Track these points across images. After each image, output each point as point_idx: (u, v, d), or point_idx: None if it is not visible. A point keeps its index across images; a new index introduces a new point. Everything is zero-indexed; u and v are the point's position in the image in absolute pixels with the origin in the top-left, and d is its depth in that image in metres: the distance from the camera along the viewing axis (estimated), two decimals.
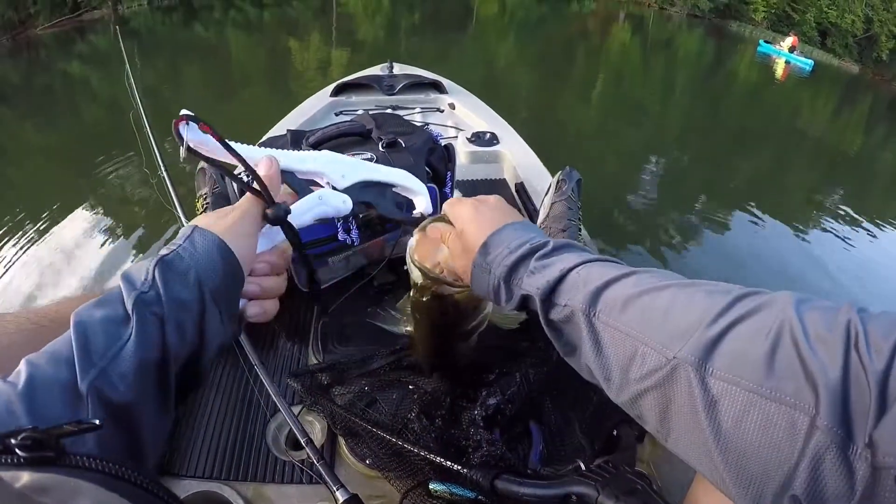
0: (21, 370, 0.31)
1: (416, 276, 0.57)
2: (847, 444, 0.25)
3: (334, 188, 0.52)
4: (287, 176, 0.51)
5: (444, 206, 0.54)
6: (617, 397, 0.38)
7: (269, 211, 0.47)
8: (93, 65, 7.79)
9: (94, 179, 3.56)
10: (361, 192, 0.54)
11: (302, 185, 0.52)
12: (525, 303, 0.44)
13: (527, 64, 8.34)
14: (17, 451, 0.22)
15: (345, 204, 0.52)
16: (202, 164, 1.22)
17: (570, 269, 0.41)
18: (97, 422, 0.26)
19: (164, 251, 0.40)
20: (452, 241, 0.51)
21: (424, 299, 0.57)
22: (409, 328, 0.77)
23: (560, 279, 0.41)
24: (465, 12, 14.30)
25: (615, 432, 0.65)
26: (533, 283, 0.42)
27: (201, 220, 0.44)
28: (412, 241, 0.57)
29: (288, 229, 0.48)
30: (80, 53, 9.28)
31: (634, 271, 0.40)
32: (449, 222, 0.53)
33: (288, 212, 0.48)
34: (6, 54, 9.51)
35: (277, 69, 7.13)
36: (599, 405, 0.68)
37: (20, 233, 2.97)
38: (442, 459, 0.54)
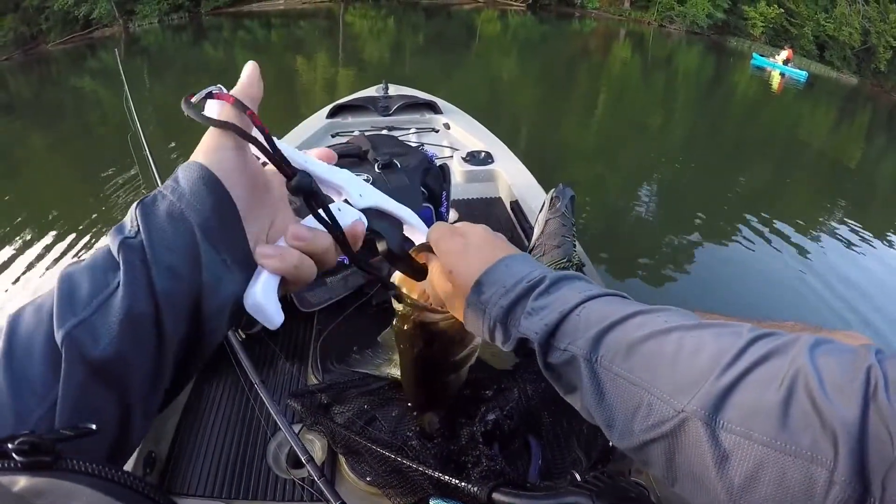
0: (4, 323, 0.29)
1: (397, 304, 0.54)
2: (864, 499, 0.24)
3: (349, 205, 0.47)
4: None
5: (428, 234, 0.51)
6: (619, 443, 0.36)
7: (291, 183, 0.38)
8: (102, 80, 7.94)
9: (98, 194, 3.62)
10: (375, 219, 0.49)
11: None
12: (524, 344, 0.41)
13: (529, 82, 8.43)
14: (13, 456, 0.22)
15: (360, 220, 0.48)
16: None
17: (570, 311, 0.39)
18: (93, 426, 0.26)
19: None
20: (437, 276, 0.49)
21: (406, 328, 0.55)
22: (391, 371, 0.76)
23: (559, 321, 0.39)
24: (468, 32, 14.53)
25: (611, 443, 0.65)
26: (531, 325, 0.40)
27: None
28: (397, 272, 0.54)
29: (310, 199, 0.38)
30: (90, 69, 9.47)
31: (638, 311, 0.38)
32: (432, 251, 0.50)
33: (312, 186, 0.38)
34: (18, 69, 9.72)
35: (284, 88, 7.24)
36: None
37: (23, 245, 3.00)
38: (441, 474, 0.55)
